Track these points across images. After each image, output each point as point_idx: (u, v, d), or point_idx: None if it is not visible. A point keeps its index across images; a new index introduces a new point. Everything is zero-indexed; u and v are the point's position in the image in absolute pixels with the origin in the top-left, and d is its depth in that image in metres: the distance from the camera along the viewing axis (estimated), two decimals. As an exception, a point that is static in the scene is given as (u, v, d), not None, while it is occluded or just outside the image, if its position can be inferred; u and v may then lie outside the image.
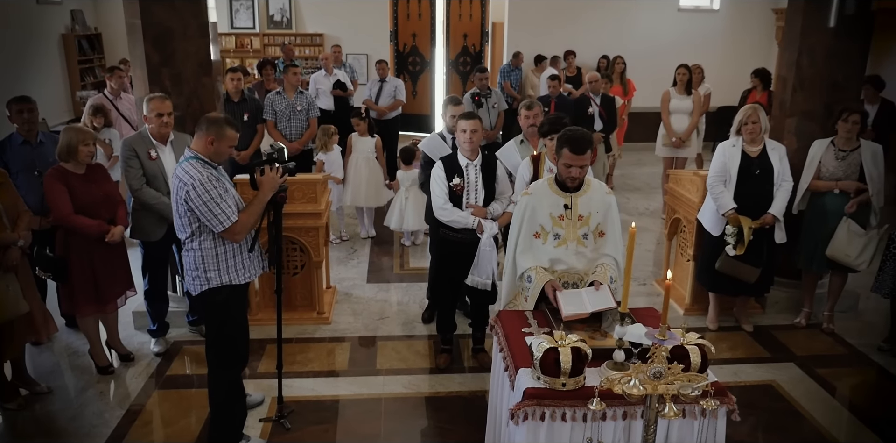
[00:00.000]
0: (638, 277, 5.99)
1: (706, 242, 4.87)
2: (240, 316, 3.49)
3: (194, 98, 4.68)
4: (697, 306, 5.23)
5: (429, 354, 4.64)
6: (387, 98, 8.55)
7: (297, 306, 5.14)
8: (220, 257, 3.31)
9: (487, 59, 11.95)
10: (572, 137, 3.16)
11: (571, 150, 3.14)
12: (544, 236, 3.25)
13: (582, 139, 3.14)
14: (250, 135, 6.48)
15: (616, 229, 3.33)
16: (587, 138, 3.17)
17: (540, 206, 3.26)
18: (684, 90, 7.19)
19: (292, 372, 4.38)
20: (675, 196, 5.44)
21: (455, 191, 4.09)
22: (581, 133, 3.18)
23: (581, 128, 3.28)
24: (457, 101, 4.76)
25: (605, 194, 3.33)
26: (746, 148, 4.56)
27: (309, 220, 4.86)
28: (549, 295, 3.12)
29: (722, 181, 4.60)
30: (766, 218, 4.52)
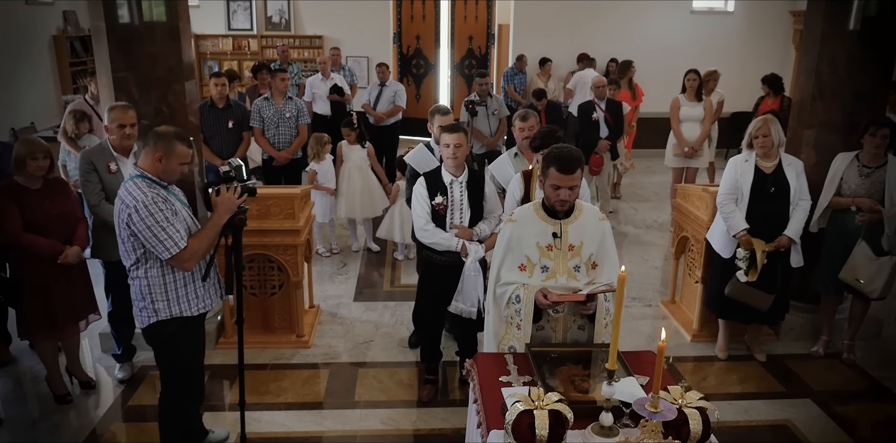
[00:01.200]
0: (643, 298, 5.60)
1: (716, 265, 4.49)
2: (193, 351, 3.17)
3: (164, 106, 4.36)
4: (706, 332, 4.84)
5: (413, 384, 4.29)
6: (386, 103, 8.22)
7: (276, 328, 4.81)
8: (168, 287, 2.99)
9: (494, 61, 11.59)
10: (560, 154, 2.80)
11: (559, 169, 2.77)
12: (530, 269, 2.89)
13: (571, 157, 2.78)
14: (235, 142, 6.18)
15: (612, 260, 2.96)
16: (577, 156, 2.81)
17: (525, 234, 2.90)
18: (694, 97, 6.79)
19: (263, 404, 4.06)
20: (683, 212, 5.06)
21: (438, 210, 3.74)
22: (569, 151, 2.82)
23: (570, 145, 2.91)
24: (444, 110, 4.41)
25: (598, 221, 2.95)
26: (760, 163, 4.18)
27: (286, 237, 4.53)
28: (541, 303, 2.76)
29: (733, 199, 4.22)
30: (782, 240, 4.13)
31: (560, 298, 2.69)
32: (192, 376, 3.19)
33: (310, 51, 10.10)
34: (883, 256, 4.16)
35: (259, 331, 4.80)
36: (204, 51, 10.09)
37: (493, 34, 11.40)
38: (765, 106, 7.09)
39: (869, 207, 4.17)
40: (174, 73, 4.35)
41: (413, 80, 11.70)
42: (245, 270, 4.68)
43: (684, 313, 5.15)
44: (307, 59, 9.96)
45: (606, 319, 2.85)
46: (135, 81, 4.26)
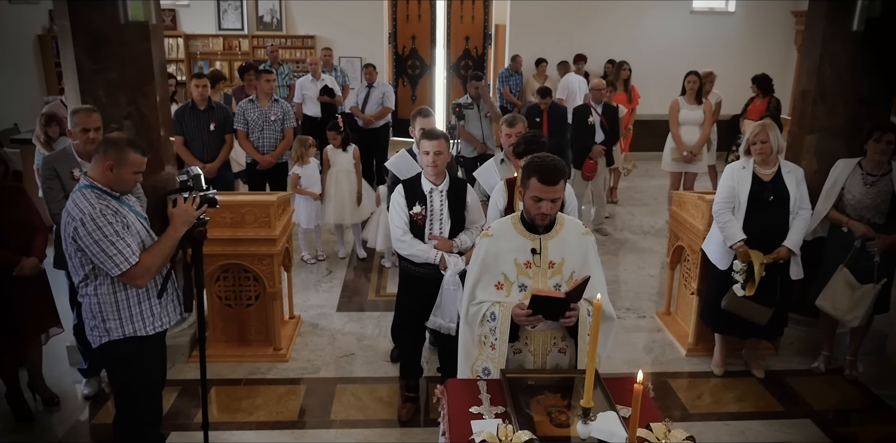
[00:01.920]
0: (638, 309, 5.39)
1: (711, 276, 4.28)
2: (149, 372, 2.96)
3: (134, 109, 4.16)
4: (702, 346, 4.63)
5: (393, 401, 4.08)
6: (374, 105, 8.02)
7: (252, 341, 4.61)
8: (120, 305, 2.79)
9: (490, 62, 11.39)
10: (541, 164, 2.59)
11: (541, 179, 2.56)
12: (507, 287, 2.68)
13: (553, 168, 2.57)
14: (217, 145, 5.97)
15: (597, 278, 2.73)
16: (559, 166, 2.60)
17: (502, 250, 2.68)
18: (694, 99, 6.58)
19: (234, 423, 3.86)
20: (678, 221, 4.85)
21: (416, 220, 3.54)
22: (552, 160, 2.61)
23: (552, 155, 2.70)
24: (426, 112, 4.21)
25: (581, 235, 2.74)
26: (758, 170, 3.97)
27: (262, 246, 4.33)
28: (518, 316, 2.54)
29: (730, 208, 4.01)
30: (781, 252, 3.92)
31: (539, 292, 2.45)
32: (149, 399, 2.99)
33: (302, 51, 9.91)
34: (866, 284, 3.96)
35: (235, 344, 4.60)
36: (194, 51, 9.90)
37: (489, 34, 11.21)
38: (754, 107, 6.89)
39: (863, 234, 3.97)
40: (145, 75, 4.14)
41: (409, 81, 11.51)
42: (219, 281, 4.50)
43: (679, 326, 4.94)
44: (299, 59, 9.76)
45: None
46: (102, 83, 4.05)
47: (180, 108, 5.93)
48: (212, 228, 4.24)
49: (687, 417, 3.95)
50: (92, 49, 4.00)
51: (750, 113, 6.86)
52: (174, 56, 9.83)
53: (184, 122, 5.86)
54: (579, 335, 2.61)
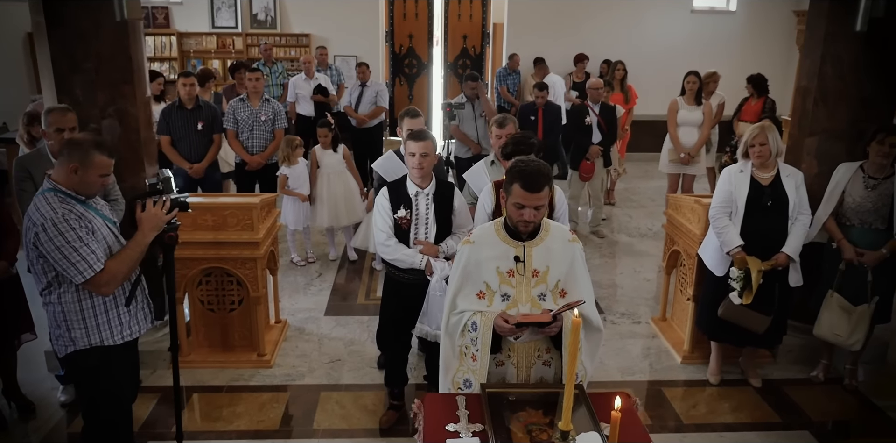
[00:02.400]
0: (633, 314, 5.26)
1: (708, 283, 4.15)
2: (118, 384, 2.84)
3: (113, 109, 4.04)
4: (698, 354, 4.50)
5: (378, 409, 3.96)
6: (368, 104, 7.89)
7: (235, 347, 4.49)
8: (86, 313, 2.67)
9: (489, 61, 11.25)
10: (525, 169, 2.46)
11: (524, 185, 2.44)
12: (489, 297, 2.55)
13: (538, 173, 2.45)
14: (205, 145, 5.85)
15: (584, 287, 2.61)
16: (544, 172, 2.47)
17: (484, 258, 2.56)
18: (693, 100, 6.45)
19: (213, 432, 3.75)
20: (675, 225, 4.72)
21: (400, 224, 3.41)
22: (537, 165, 2.49)
23: (537, 159, 2.57)
24: (414, 113, 4.08)
25: (567, 242, 2.61)
26: (756, 174, 3.84)
27: (245, 249, 4.21)
28: (501, 329, 2.42)
29: (726, 213, 3.88)
30: (779, 259, 3.79)
31: (523, 318, 2.35)
32: (119, 411, 2.86)
33: (296, 49, 9.77)
34: (860, 305, 3.84)
35: (217, 349, 4.49)
36: (187, 49, 9.77)
37: (487, 33, 11.06)
38: (748, 107, 6.75)
39: (849, 259, 3.88)
40: (124, 74, 4.03)
41: (406, 80, 11.37)
42: (202, 285, 4.39)
43: (675, 332, 4.81)
44: (293, 58, 9.63)
45: None
46: (80, 82, 3.94)
47: (167, 108, 5.82)
48: (193, 231, 4.19)
49: (681, 427, 3.83)
50: (68, 46, 3.89)
51: (744, 114, 6.73)
52: (167, 54, 9.71)
53: (171, 121, 5.74)
54: (564, 347, 2.49)
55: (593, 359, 2.67)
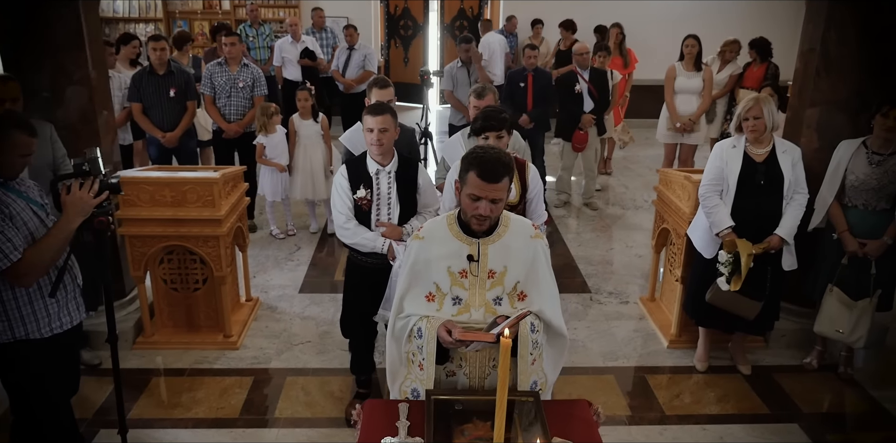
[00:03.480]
0: (621, 293, 5.03)
1: (696, 265, 3.90)
2: (48, 380, 2.64)
3: (61, 75, 3.77)
4: (686, 338, 4.28)
5: (345, 396, 3.78)
6: (355, 69, 7.56)
7: (201, 327, 4.31)
8: (7, 305, 2.47)
9: (488, 22, 10.78)
10: (483, 156, 2.18)
11: (481, 174, 2.16)
12: (440, 300, 2.29)
13: (496, 161, 2.16)
14: (178, 113, 5.57)
15: (546, 289, 2.34)
16: (504, 160, 2.19)
17: (434, 256, 2.29)
18: (693, 66, 6.08)
19: (170, 420, 3.58)
20: (664, 201, 4.45)
21: (361, 205, 3.16)
22: (497, 153, 2.20)
23: (496, 148, 2.28)
24: (383, 83, 3.78)
25: (529, 239, 2.33)
26: (750, 150, 3.54)
27: (206, 227, 3.98)
28: (444, 341, 2.19)
29: (717, 192, 3.60)
30: (772, 241, 3.52)
31: (463, 336, 2.12)
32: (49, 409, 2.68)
33: (285, 10, 9.37)
34: (862, 300, 3.58)
35: (182, 330, 4.31)
36: (172, 9, 9.39)
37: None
38: (750, 73, 6.40)
39: (852, 252, 3.60)
40: (74, 39, 3.74)
41: (401, 43, 10.96)
42: (164, 263, 4.18)
43: (664, 314, 4.59)
44: (282, 19, 9.23)
45: (534, 353, 2.29)
46: (25, 48, 3.66)
47: (138, 73, 5.52)
48: (152, 207, 3.96)
49: (663, 419, 3.63)
50: (8, 8, 3.59)
51: (746, 80, 6.37)
52: (151, 15, 9.33)
53: (142, 88, 5.45)
54: (519, 355, 2.25)
55: (557, 366, 2.43)
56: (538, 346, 2.31)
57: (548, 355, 2.36)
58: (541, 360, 2.33)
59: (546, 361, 2.36)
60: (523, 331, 2.22)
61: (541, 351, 2.32)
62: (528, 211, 3.24)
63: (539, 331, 2.29)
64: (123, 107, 5.51)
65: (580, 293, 5.04)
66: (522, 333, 2.22)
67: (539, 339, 2.30)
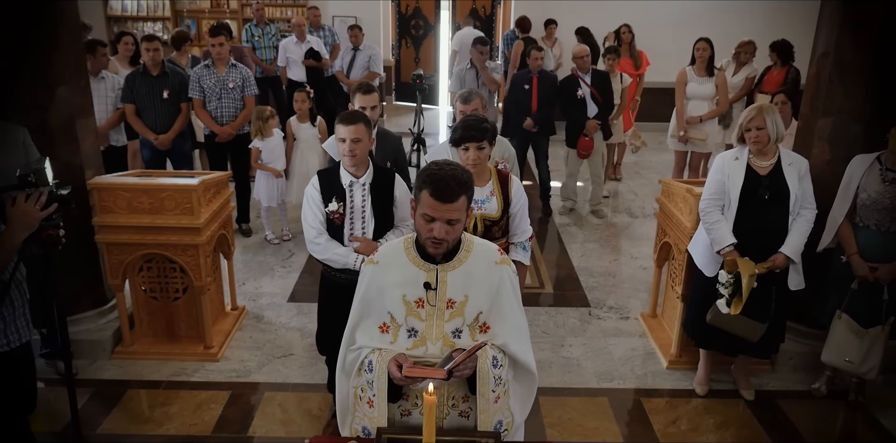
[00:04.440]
0: (622, 308, 4.81)
1: (697, 283, 3.68)
2: None
3: (37, 78, 3.64)
4: (686, 358, 4.06)
5: (323, 415, 3.62)
6: (360, 70, 7.42)
7: (181, 337, 4.18)
8: (-54, 322, 2.33)
9: (500, 23, 10.58)
10: (438, 173, 1.98)
11: (434, 193, 1.97)
12: (394, 331, 2.11)
13: (452, 179, 1.97)
14: (172, 115, 5.47)
15: (513, 321, 2.14)
16: (461, 179, 2.00)
17: (388, 283, 2.10)
18: (705, 70, 5.83)
19: (140, 436, 3.45)
20: (666, 214, 4.22)
21: (333, 219, 2.99)
22: (453, 170, 2.00)
23: (453, 163, 2.08)
24: (367, 88, 3.61)
25: (493, 265, 2.13)
26: (753, 162, 3.31)
27: (185, 236, 3.84)
28: (394, 377, 2.00)
29: (718, 206, 3.37)
30: (777, 260, 3.29)
31: (410, 372, 1.93)
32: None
33: (293, 10, 9.25)
34: (873, 328, 3.33)
35: (163, 340, 4.19)
36: (180, 8, 9.32)
37: (499, -8, 10.38)
38: (770, 77, 6.12)
39: (863, 277, 3.35)
40: (50, 39, 3.62)
41: (412, 43, 10.81)
42: (143, 271, 4.06)
43: (664, 331, 4.36)
44: (289, 18, 9.10)
45: (497, 390, 2.09)
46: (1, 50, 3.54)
47: (131, 74, 5.42)
48: (129, 214, 3.84)
49: (656, 448, 3.42)
50: (-19, 7, 3.48)
51: (766, 84, 6.09)
52: (160, 14, 9.27)
53: (135, 88, 5.35)
54: (479, 392, 2.06)
55: (526, 405, 2.22)
56: (502, 382, 2.10)
57: (515, 392, 2.16)
58: (507, 397, 2.12)
59: (513, 398, 2.15)
60: (483, 366, 2.02)
61: (506, 388, 2.11)
62: (512, 226, 3.05)
63: (503, 365, 2.09)
64: (117, 108, 5.41)
65: (579, 307, 4.82)
66: (482, 368, 2.03)
67: (504, 374, 2.10)
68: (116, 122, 5.44)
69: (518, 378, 2.16)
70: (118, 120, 5.45)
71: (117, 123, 5.46)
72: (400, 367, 1.97)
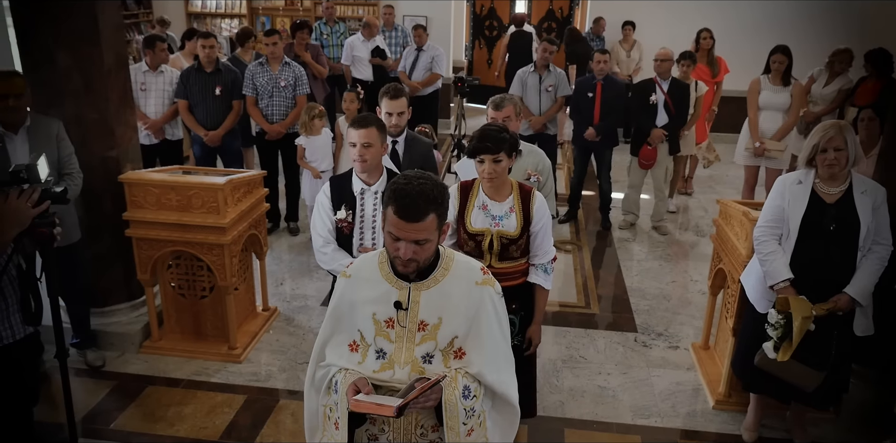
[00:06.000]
0: (672, 336, 4.43)
1: (748, 318, 3.29)
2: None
3: (75, 71, 3.68)
4: (736, 398, 3.66)
5: (332, 428, 3.47)
6: (422, 71, 7.25)
7: (207, 336, 4.15)
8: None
9: (578, 25, 10.19)
10: (404, 189, 1.79)
11: (397, 211, 1.79)
12: (363, 351, 1.94)
13: (419, 196, 1.78)
14: (223, 111, 5.48)
15: (492, 347, 1.93)
16: (430, 196, 1.80)
17: (360, 299, 1.94)
18: (780, 80, 5.32)
19: (149, 435, 3.42)
20: (722, 238, 3.82)
21: (342, 228, 2.83)
22: (420, 185, 1.80)
23: (426, 177, 1.86)
24: (394, 92, 3.42)
25: (473, 286, 1.92)
26: (820, 188, 2.91)
27: (210, 234, 3.79)
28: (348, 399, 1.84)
29: (775, 236, 2.99)
30: (840, 301, 2.88)
31: (356, 406, 1.75)
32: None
33: (364, 8, 9.21)
34: None
35: (190, 337, 4.17)
36: (256, 6, 9.47)
37: (577, -7, 10.00)
38: (863, 89, 5.52)
39: None
40: (87, 36, 3.64)
41: (486, 43, 10.58)
42: (171, 268, 4.05)
43: (716, 366, 3.96)
44: (360, 17, 9.07)
45: (469, 422, 1.87)
46: (41, 42, 3.59)
47: (186, 70, 5.48)
48: (157, 210, 3.82)
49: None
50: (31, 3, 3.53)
51: (858, 97, 5.51)
52: (237, 11, 9.46)
53: (188, 85, 5.40)
54: (447, 426, 1.84)
55: (508, 436, 2.01)
56: (474, 414, 1.89)
57: (496, 422, 1.96)
58: (483, 429, 1.92)
59: (493, 429, 1.95)
60: (450, 397, 1.82)
61: (482, 419, 1.91)
62: (533, 246, 2.79)
63: (477, 396, 1.88)
64: (172, 102, 5.47)
65: (625, 332, 4.48)
66: (449, 399, 1.83)
67: (478, 406, 1.89)
68: (171, 116, 5.51)
69: (498, 409, 1.96)
70: (173, 114, 5.52)
71: (172, 118, 5.53)
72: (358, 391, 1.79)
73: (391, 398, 1.77)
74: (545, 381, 3.84)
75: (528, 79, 6.06)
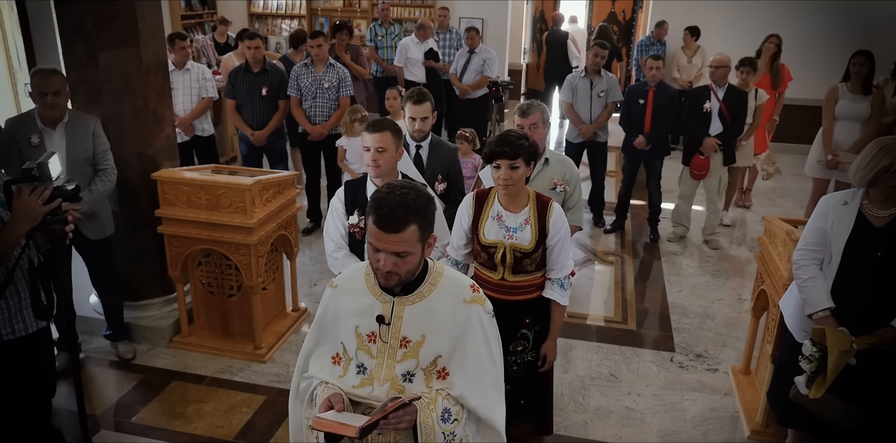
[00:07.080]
0: (711, 357, 4.19)
1: (786, 346, 3.06)
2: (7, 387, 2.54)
3: (115, 71, 3.76)
4: (774, 429, 3.41)
5: (346, 435, 3.43)
6: (473, 74, 7.16)
7: (235, 334, 4.18)
8: (-50, 309, 2.38)
9: (640, 29, 9.89)
10: (385, 198, 1.72)
11: (376, 221, 1.72)
12: (345, 364, 1.88)
13: (399, 206, 1.70)
14: (269, 111, 5.55)
15: (477, 368, 1.83)
16: (411, 206, 1.71)
17: (344, 311, 1.89)
18: (860, 88, 4.96)
19: (165, 431, 3.45)
20: (765, 258, 3.58)
21: (354, 233, 2.77)
22: (403, 195, 1.73)
23: (409, 186, 1.78)
24: (418, 97, 3.33)
25: (461, 303, 1.83)
26: (868, 210, 2.66)
27: (237, 234, 3.81)
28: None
29: (816, 260, 2.75)
30: (886, 335, 2.62)
31: (319, 425, 1.68)
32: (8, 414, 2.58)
33: (420, 10, 9.18)
34: None
35: (218, 334, 4.21)
36: (315, 7, 9.59)
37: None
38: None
39: None
40: (127, 36, 3.72)
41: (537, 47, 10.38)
42: (201, 265, 4.10)
43: (755, 392, 3.71)
44: (416, 18, 9.05)
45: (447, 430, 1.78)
46: (80, 42, 3.69)
47: (234, 70, 5.57)
48: (188, 208, 3.87)
49: None
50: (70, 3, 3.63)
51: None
52: (296, 12, 9.60)
53: (236, 84, 5.49)
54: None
55: None
56: (455, 438, 1.81)
57: None
58: None
59: None
60: (426, 420, 1.73)
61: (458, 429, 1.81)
62: (549, 260, 2.66)
63: (458, 420, 1.79)
64: (201, 98, 5.56)
65: (661, 351, 4.26)
66: (425, 422, 1.74)
67: (458, 430, 1.81)
68: (201, 112, 5.60)
69: (483, 433, 1.85)
70: (202, 110, 5.61)
71: (201, 114, 5.62)
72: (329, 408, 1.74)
73: (359, 417, 1.70)
74: (570, 399, 3.69)
75: (578, 84, 5.90)
